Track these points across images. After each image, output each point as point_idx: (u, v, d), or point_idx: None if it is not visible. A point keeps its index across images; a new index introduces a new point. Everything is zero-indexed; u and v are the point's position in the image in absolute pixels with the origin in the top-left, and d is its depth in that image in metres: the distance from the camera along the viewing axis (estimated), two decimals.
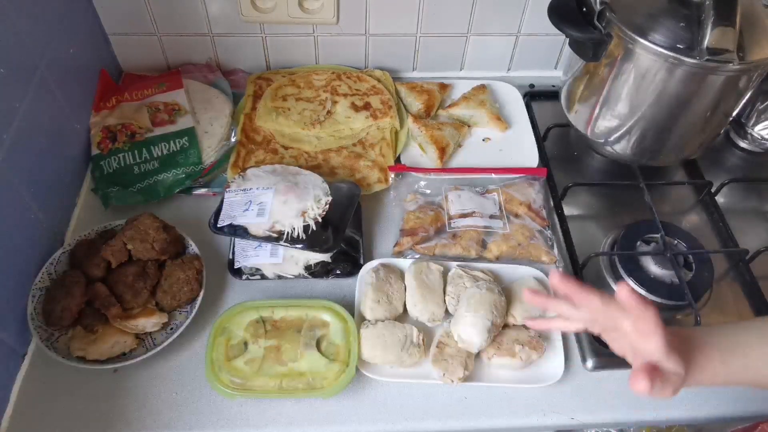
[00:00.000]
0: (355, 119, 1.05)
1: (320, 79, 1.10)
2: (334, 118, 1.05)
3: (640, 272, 0.88)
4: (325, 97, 1.07)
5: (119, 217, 0.87)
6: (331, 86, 1.09)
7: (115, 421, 0.72)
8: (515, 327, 0.80)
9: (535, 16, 1.09)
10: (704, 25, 0.77)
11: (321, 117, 1.04)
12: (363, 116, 1.05)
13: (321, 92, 1.08)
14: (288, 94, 1.07)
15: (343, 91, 1.08)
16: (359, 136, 1.03)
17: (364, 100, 1.07)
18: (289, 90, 1.08)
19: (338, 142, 1.02)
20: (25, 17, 0.80)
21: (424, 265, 0.85)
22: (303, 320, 0.78)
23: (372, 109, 1.06)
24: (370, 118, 1.04)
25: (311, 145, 1.02)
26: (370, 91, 1.09)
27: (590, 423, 0.77)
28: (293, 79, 1.10)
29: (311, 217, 0.82)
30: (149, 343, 0.77)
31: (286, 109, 1.05)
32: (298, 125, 1.03)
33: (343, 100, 1.07)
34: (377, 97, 1.08)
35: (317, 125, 1.03)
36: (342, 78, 1.11)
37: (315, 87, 1.09)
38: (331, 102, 1.06)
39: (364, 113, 1.05)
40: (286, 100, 1.06)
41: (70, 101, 0.94)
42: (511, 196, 0.95)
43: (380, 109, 1.06)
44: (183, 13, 1.04)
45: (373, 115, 1.05)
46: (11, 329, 0.75)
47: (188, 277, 0.79)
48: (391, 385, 0.77)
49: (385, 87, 1.10)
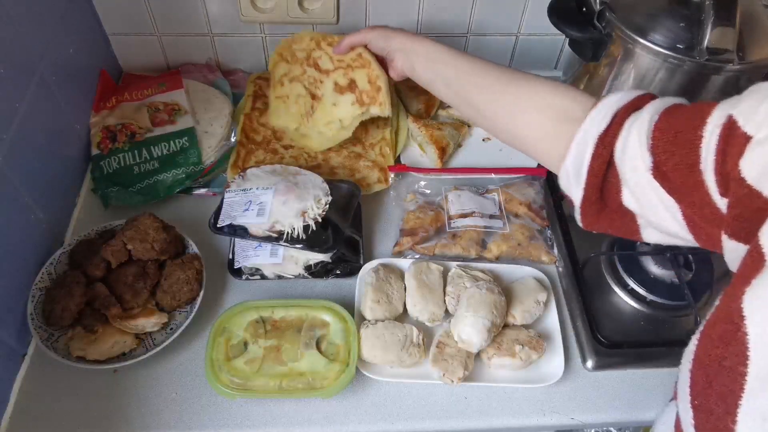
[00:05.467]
0: (340, 106, 0.92)
1: (300, 48, 0.94)
2: (323, 103, 0.93)
3: (640, 272, 0.88)
4: (311, 75, 0.94)
5: (119, 217, 0.87)
6: (311, 59, 0.93)
7: (115, 421, 0.72)
8: (515, 327, 0.80)
9: (535, 16, 1.09)
10: (704, 25, 0.77)
11: (309, 105, 0.95)
12: (349, 101, 0.91)
13: (305, 66, 0.94)
14: (282, 75, 0.96)
15: (325, 66, 0.92)
16: (351, 127, 0.93)
17: (348, 76, 0.90)
18: (281, 68, 0.96)
19: (335, 137, 0.95)
20: (25, 17, 0.80)
21: (424, 265, 0.85)
22: (303, 320, 0.78)
23: (358, 90, 0.90)
24: (357, 105, 0.91)
25: (317, 141, 0.96)
26: (354, 62, 0.90)
27: (590, 423, 0.77)
28: (280, 51, 0.96)
29: (311, 217, 0.82)
30: (149, 343, 0.77)
31: (285, 97, 0.96)
32: (296, 118, 0.96)
33: (326, 79, 0.92)
34: (363, 72, 0.89)
35: (308, 118, 0.95)
36: (322, 46, 0.92)
37: (298, 58, 0.94)
38: (316, 81, 0.93)
39: (350, 97, 0.91)
40: (283, 85, 0.96)
41: (70, 101, 0.94)
42: (511, 196, 0.95)
43: (367, 92, 0.90)
44: (183, 13, 1.04)
45: (359, 100, 0.91)
46: (11, 329, 0.75)
47: (188, 277, 0.79)
48: (391, 385, 0.77)
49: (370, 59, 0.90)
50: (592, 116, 0.58)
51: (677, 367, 0.81)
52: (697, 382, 0.46)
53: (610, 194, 0.58)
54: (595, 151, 0.56)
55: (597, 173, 0.57)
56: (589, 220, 0.61)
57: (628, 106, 0.56)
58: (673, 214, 0.53)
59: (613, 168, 0.56)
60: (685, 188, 0.51)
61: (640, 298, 0.86)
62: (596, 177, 0.57)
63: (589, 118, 0.58)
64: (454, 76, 0.73)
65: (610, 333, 0.81)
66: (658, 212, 0.54)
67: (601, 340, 0.81)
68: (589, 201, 0.59)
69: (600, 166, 0.56)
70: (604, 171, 0.57)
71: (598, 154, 0.56)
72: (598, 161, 0.56)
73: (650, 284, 0.86)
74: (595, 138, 0.56)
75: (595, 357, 0.80)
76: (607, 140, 0.56)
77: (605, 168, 0.57)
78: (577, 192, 0.60)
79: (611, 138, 0.56)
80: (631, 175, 0.54)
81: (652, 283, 0.86)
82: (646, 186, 0.53)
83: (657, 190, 0.52)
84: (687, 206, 0.51)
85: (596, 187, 0.58)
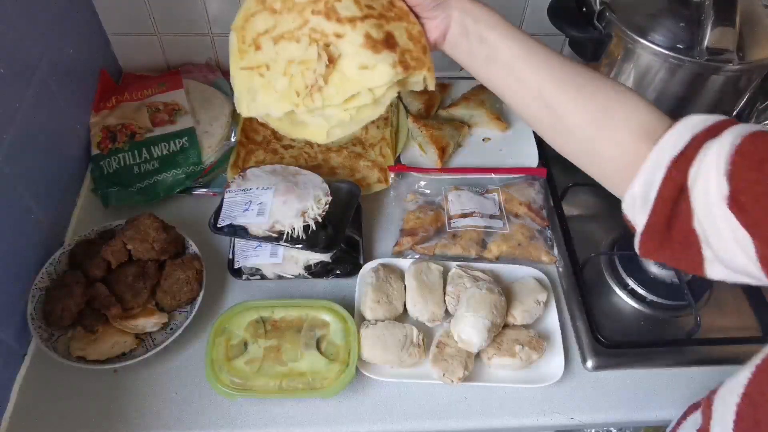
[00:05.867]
0: (375, 68, 0.56)
1: None
2: (339, 71, 0.56)
3: (640, 272, 0.88)
4: (318, 27, 0.56)
5: (119, 217, 0.87)
6: (323, 1, 0.56)
7: (115, 421, 0.72)
8: (515, 327, 0.80)
9: (535, 16, 1.09)
10: (704, 25, 0.77)
11: (319, 71, 0.56)
12: (388, 62, 0.56)
13: (308, 15, 0.56)
14: (261, 32, 0.58)
15: (346, 13, 0.56)
16: (384, 101, 0.59)
17: (383, 27, 0.57)
18: (262, 22, 0.58)
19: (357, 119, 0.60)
20: (25, 17, 0.80)
21: (424, 265, 0.85)
22: (303, 320, 0.78)
23: (399, 49, 0.57)
24: (399, 67, 0.56)
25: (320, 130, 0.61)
26: (387, 12, 0.58)
27: (590, 423, 0.77)
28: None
29: (311, 217, 0.82)
30: (149, 343, 0.77)
31: (262, 68, 0.58)
32: (287, 98, 0.57)
33: (350, 32, 0.56)
34: (400, 26, 0.58)
35: (316, 94, 0.57)
36: None
37: (295, 3, 0.57)
38: (327, 36, 0.56)
39: (389, 56, 0.56)
40: (260, 48, 0.58)
41: (70, 101, 0.94)
42: (511, 196, 0.95)
43: (411, 52, 0.58)
44: (183, 13, 1.04)
45: (402, 62, 0.57)
46: (11, 329, 0.75)
47: (188, 277, 0.79)
48: (391, 385, 0.77)
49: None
50: (668, 137, 0.52)
51: (677, 367, 0.81)
52: (743, 419, 0.44)
53: (677, 224, 0.52)
54: (668, 175, 0.51)
55: (667, 199, 0.51)
56: (650, 249, 0.55)
57: (710, 130, 0.51)
58: (746, 249, 0.47)
59: (685, 195, 0.50)
60: (764, 222, 0.45)
61: (640, 298, 0.86)
62: (665, 204, 0.52)
63: (665, 140, 0.52)
64: (524, 60, 0.58)
65: (610, 333, 0.81)
66: (728, 247, 0.48)
67: (601, 340, 0.81)
68: (653, 229, 0.53)
69: (671, 192, 0.51)
70: (674, 198, 0.51)
71: (671, 178, 0.51)
72: (670, 186, 0.51)
73: (650, 284, 0.86)
74: (668, 161, 0.51)
75: (595, 357, 0.80)
76: (682, 164, 0.50)
77: (677, 194, 0.51)
78: (642, 218, 0.54)
79: (686, 162, 0.50)
80: (702, 204, 0.49)
81: (652, 283, 0.86)
82: (718, 216, 0.47)
83: (730, 221, 0.47)
84: (762, 242, 0.46)
85: (664, 214, 0.52)
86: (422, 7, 0.58)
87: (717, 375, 0.80)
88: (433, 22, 0.59)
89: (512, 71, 0.58)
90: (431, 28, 0.60)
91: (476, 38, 0.59)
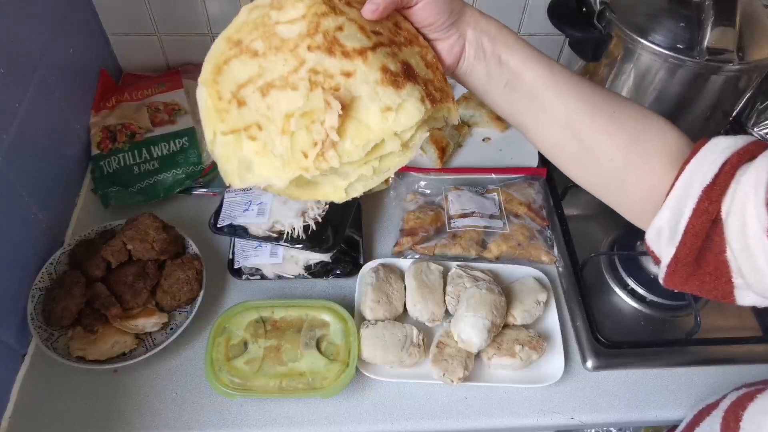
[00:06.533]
0: (401, 111, 0.45)
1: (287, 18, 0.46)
2: (355, 118, 0.45)
3: (640, 272, 0.88)
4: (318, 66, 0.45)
5: (119, 217, 0.87)
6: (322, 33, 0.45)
7: (115, 421, 0.72)
8: (515, 327, 0.80)
9: (535, 16, 1.09)
10: (704, 25, 0.77)
11: (329, 124, 0.44)
12: (415, 98, 0.46)
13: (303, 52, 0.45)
14: (241, 84, 0.47)
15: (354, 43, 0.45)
16: (415, 145, 0.48)
17: (398, 56, 0.47)
18: (241, 69, 0.47)
19: (382, 169, 0.49)
20: (25, 17, 0.80)
21: (424, 265, 0.85)
22: (303, 320, 0.78)
23: (421, 79, 0.48)
24: (427, 101, 0.46)
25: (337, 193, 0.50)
26: (395, 36, 0.48)
27: (590, 423, 0.77)
28: (230, 36, 0.48)
29: (311, 217, 0.82)
30: (149, 343, 0.77)
31: (253, 129, 0.46)
32: (293, 163, 0.45)
33: (362, 66, 0.45)
34: (413, 52, 0.49)
35: (328, 152, 0.44)
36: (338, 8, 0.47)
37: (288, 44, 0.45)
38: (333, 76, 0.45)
39: (414, 90, 0.46)
40: (245, 104, 0.46)
41: (70, 101, 0.94)
42: (511, 196, 0.95)
43: (432, 82, 0.49)
44: (183, 13, 1.04)
45: (428, 95, 0.47)
46: (11, 329, 0.75)
47: (188, 277, 0.79)
48: (391, 385, 0.77)
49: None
50: (696, 164, 0.47)
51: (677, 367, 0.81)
52: None
53: (708, 255, 0.48)
54: (698, 206, 0.46)
55: (698, 233, 0.47)
56: (677, 282, 0.51)
57: (741, 154, 0.46)
58: None
59: (719, 227, 0.46)
60: None
61: (640, 298, 0.86)
62: (696, 237, 0.47)
63: (692, 167, 0.47)
64: (549, 86, 0.52)
65: (610, 333, 0.81)
66: (764, 278, 0.45)
67: (601, 340, 0.81)
68: (681, 262, 0.49)
69: (703, 224, 0.47)
70: (706, 230, 0.47)
71: (702, 209, 0.46)
72: (701, 219, 0.46)
73: (650, 284, 0.86)
74: (699, 191, 0.46)
75: (595, 357, 0.80)
76: (714, 194, 0.46)
77: (708, 226, 0.47)
78: (669, 250, 0.49)
79: (719, 191, 0.46)
80: (738, 236, 0.45)
81: (652, 283, 0.86)
82: (757, 249, 0.44)
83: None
84: None
85: (694, 247, 0.48)
86: (435, 26, 0.50)
87: (717, 375, 0.80)
88: (445, 44, 0.51)
89: (536, 98, 0.52)
90: (444, 51, 0.52)
91: (494, 61, 0.52)
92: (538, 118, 0.53)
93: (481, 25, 0.52)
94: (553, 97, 0.51)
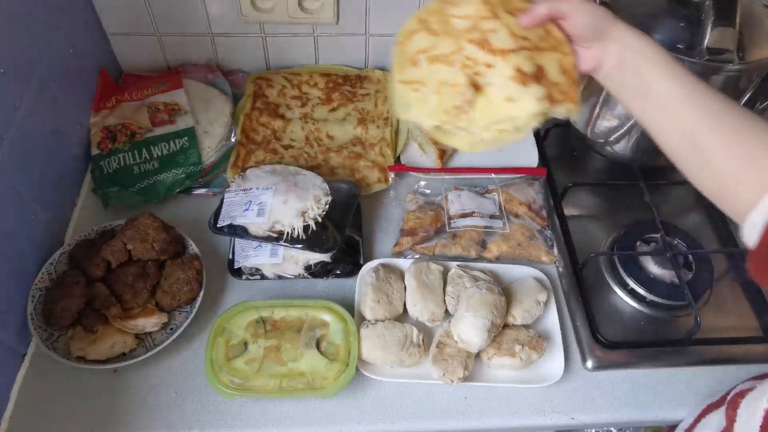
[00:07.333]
0: (519, 101, 0.61)
1: (461, 14, 0.64)
2: (486, 98, 0.62)
3: (640, 272, 0.88)
4: (471, 55, 0.62)
5: (119, 217, 0.87)
6: (478, 31, 0.62)
7: (115, 421, 0.72)
8: (515, 327, 0.80)
9: None
10: (704, 25, 0.77)
11: (465, 97, 0.62)
12: (534, 96, 0.60)
13: (464, 42, 0.63)
14: (419, 51, 0.64)
15: (500, 44, 0.61)
16: (526, 128, 0.63)
17: (535, 60, 0.61)
18: (420, 41, 0.65)
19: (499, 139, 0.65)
20: (25, 17, 0.80)
21: (424, 265, 0.85)
22: (303, 320, 0.78)
23: (548, 82, 0.61)
24: (545, 101, 0.61)
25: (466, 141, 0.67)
26: (542, 42, 0.62)
27: (590, 423, 0.77)
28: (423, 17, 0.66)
29: (311, 217, 0.82)
30: (149, 343, 0.77)
31: (418, 83, 0.64)
32: (436, 113, 0.63)
33: (500, 63, 0.61)
34: (553, 58, 0.62)
35: (461, 115, 0.63)
36: (499, 14, 0.63)
37: (455, 30, 0.64)
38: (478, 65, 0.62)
39: (537, 90, 0.60)
40: (417, 65, 0.64)
41: (70, 101, 0.94)
42: (511, 196, 0.95)
43: (560, 85, 0.62)
44: (183, 13, 1.04)
45: (549, 96, 0.61)
46: (11, 329, 0.75)
47: (188, 277, 0.79)
48: (391, 385, 0.77)
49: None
50: None
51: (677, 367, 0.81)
52: None
53: None
54: None
55: None
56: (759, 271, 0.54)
57: None
58: None
59: None
60: None
61: (640, 298, 0.86)
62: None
63: None
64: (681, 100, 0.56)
65: (610, 333, 0.81)
66: None
67: (601, 340, 0.81)
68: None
69: None
70: None
71: None
72: None
73: (650, 284, 0.86)
74: None
75: (595, 357, 0.80)
76: None
77: None
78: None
79: None
80: None
81: (652, 283, 0.86)
82: None
83: None
84: None
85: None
86: (581, 38, 0.60)
87: (717, 375, 0.80)
88: (588, 52, 0.60)
89: (665, 108, 0.57)
90: (585, 58, 0.61)
91: (632, 73, 0.58)
92: (662, 124, 0.58)
93: (628, 41, 0.58)
94: (681, 109, 0.55)
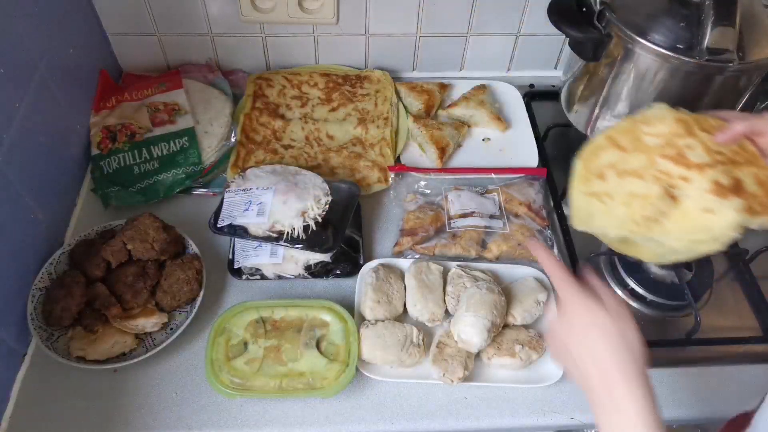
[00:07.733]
0: (719, 215, 0.62)
1: (654, 132, 0.68)
2: (681, 209, 0.64)
3: (640, 272, 0.88)
4: (665, 169, 0.65)
5: (119, 217, 0.87)
6: (673, 147, 0.66)
7: (115, 421, 0.72)
8: (515, 327, 0.80)
9: (535, 16, 1.09)
10: (704, 25, 0.77)
11: (658, 208, 0.64)
12: (734, 209, 0.62)
13: (656, 157, 0.66)
14: (606, 165, 0.69)
15: (697, 159, 0.64)
16: (724, 240, 0.63)
17: (731, 173, 0.64)
18: (608, 156, 0.69)
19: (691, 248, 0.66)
20: (24, 17, 0.80)
21: (424, 265, 0.85)
22: (303, 320, 0.78)
23: (746, 194, 0.63)
24: (746, 213, 0.62)
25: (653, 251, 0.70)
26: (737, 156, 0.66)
27: (590, 423, 0.77)
28: (613, 135, 0.70)
29: (311, 217, 0.82)
30: (149, 343, 0.77)
31: (605, 196, 0.68)
32: (625, 224, 0.67)
33: (696, 177, 0.63)
34: (749, 171, 0.65)
35: (652, 225, 0.65)
36: (695, 132, 0.66)
37: (646, 146, 0.67)
38: (672, 178, 0.65)
39: (735, 202, 0.62)
40: (604, 179, 0.68)
41: (70, 101, 0.94)
42: (511, 196, 0.95)
43: (759, 197, 0.64)
44: (183, 13, 1.04)
45: (749, 208, 0.62)
46: (11, 329, 0.75)
47: (188, 277, 0.79)
48: (391, 385, 0.77)
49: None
50: None
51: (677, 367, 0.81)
52: None
53: None
54: None
55: None
56: None
57: None
58: None
59: None
60: None
61: (640, 298, 0.86)
62: None
63: None
64: None
65: None
66: None
67: None
68: None
69: None
70: None
71: None
72: None
73: (650, 284, 0.86)
74: None
75: None
76: None
77: None
78: None
79: None
80: None
81: (652, 283, 0.86)
82: None
83: None
84: None
85: None
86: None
87: (717, 375, 0.80)
88: None
89: None
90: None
91: None
92: None
93: None
94: None
